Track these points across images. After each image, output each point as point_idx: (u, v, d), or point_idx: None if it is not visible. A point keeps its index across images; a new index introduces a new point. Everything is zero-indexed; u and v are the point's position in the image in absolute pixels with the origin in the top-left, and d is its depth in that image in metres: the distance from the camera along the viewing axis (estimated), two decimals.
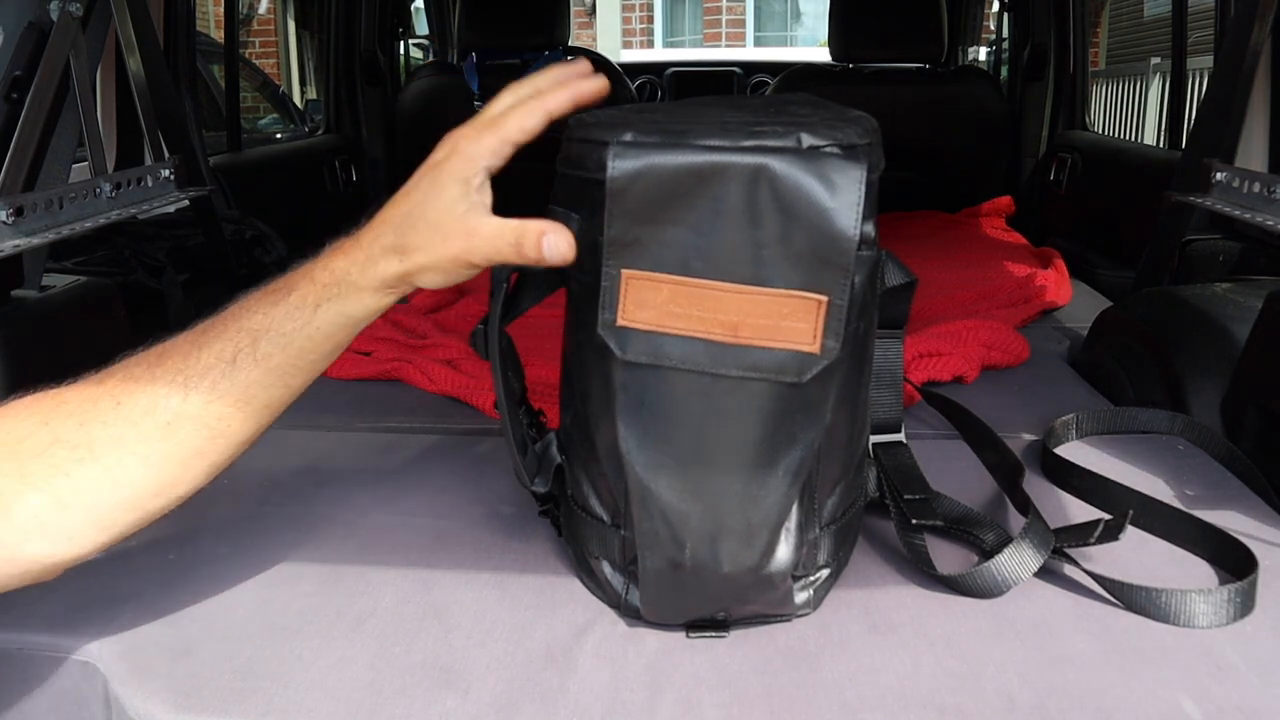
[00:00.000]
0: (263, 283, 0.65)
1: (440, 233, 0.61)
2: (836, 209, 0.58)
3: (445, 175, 0.62)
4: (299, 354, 0.64)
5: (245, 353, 0.63)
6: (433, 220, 0.62)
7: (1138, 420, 1.02)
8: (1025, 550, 0.72)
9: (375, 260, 0.63)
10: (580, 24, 8.63)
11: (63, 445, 0.60)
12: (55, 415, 0.61)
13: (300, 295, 0.63)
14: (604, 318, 0.62)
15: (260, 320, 0.63)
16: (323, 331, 0.64)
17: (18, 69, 1.12)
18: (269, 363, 0.63)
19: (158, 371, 0.62)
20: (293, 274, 0.65)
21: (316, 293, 0.63)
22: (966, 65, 2.97)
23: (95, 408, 0.61)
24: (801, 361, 0.61)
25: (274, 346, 0.63)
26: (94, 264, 1.38)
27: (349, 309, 0.64)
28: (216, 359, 0.62)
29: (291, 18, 3.06)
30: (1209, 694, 0.61)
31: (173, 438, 0.62)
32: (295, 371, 0.65)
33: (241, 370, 0.63)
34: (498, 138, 0.62)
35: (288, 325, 0.63)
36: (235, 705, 0.62)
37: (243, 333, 0.63)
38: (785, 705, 0.61)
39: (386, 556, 0.78)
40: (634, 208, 0.60)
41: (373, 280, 0.63)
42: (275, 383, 0.64)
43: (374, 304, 0.65)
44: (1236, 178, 1.13)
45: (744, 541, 0.63)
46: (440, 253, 0.62)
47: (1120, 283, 1.69)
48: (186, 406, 0.62)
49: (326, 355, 0.66)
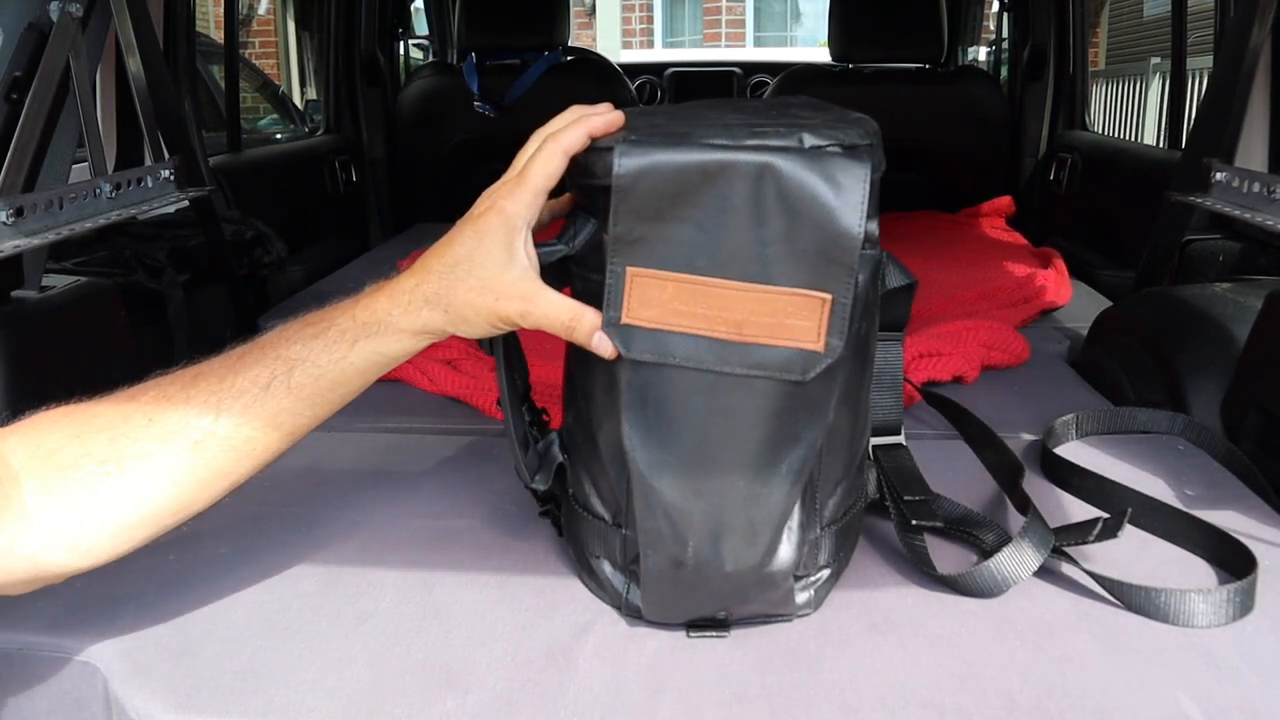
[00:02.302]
0: (301, 313, 0.67)
1: (492, 293, 0.63)
2: (841, 207, 0.59)
3: (490, 233, 0.63)
4: (330, 386, 0.66)
5: (280, 380, 0.64)
6: (485, 280, 0.63)
7: (1138, 420, 1.02)
8: (1025, 550, 0.72)
9: (418, 307, 0.65)
10: (580, 24, 8.63)
11: (92, 459, 0.61)
12: (87, 429, 0.62)
13: (339, 330, 0.65)
14: (609, 315, 0.62)
15: (298, 350, 0.65)
16: (356, 367, 0.66)
17: (18, 69, 1.12)
18: (301, 392, 0.65)
19: (191, 392, 0.64)
20: (333, 308, 0.67)
21: (356, 330, 0.65)
22: (966, 65, 2.97)
23: (127, 424, 0.62)
24: (805, 360, 0.61)
25: (308, 377, 0.65)
26: (94, 264, 1.38)
27: (385, 348, 0.66)
28: (251, 384, 0.64)
29: (291, 18, 3.06)
30: (1209, 694, 0.61)
31: (200, 457, 0.63)
32: (324, 403, 0.67)
33: (274, 397, 0.64)
34: (529, 191, 0.64)
35: (324, 358, 0.65)
36: (235, 705, 0.62)
37: (280, 360, 0.65)
38: (785, 705, 0.61)
39: (386, 556, 0.78)
40: (639, 205, 0.60)
41: (413, 325, 0.65)
42: (304, 411, 0.66)
43: (410, 345, 0.66)
44: (1236, 177, 1.13)
45: (747, 540, 0.64)
46: (490, 309, 0.64)
47: (1120, 283, 1.69)
48: (217, 428, 0.63)
49: (355, 390, 0.68)
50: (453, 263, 0.64)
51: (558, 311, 0.64)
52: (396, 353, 0.66)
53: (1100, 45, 7.53)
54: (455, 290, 0.64)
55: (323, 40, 2.62)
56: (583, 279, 0.66)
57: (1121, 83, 6.29)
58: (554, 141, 0.64)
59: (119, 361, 1.13)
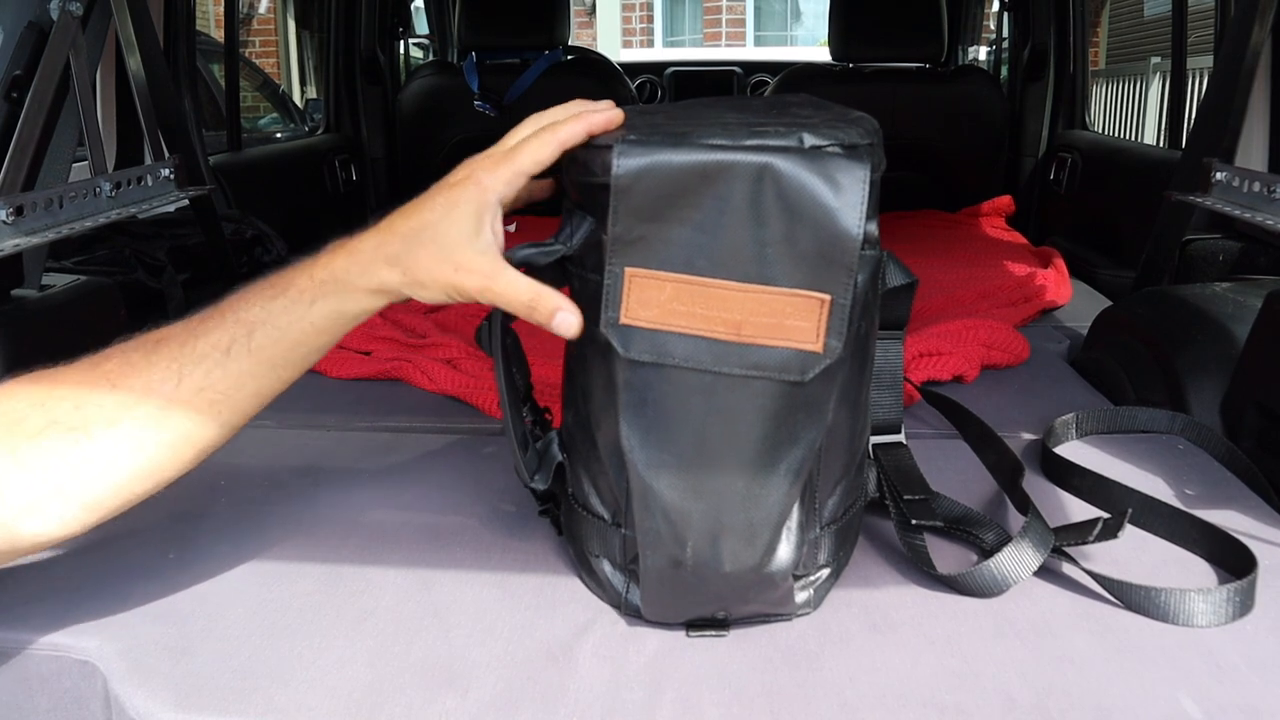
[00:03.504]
0: (260, 277, 0.66)
1: (452, 262, 0.63)
2: (841, 208, 0.58)
3: (461, 201, 0.63)
4: (292, 347, 0.65)
5: (240, 343, 0.64)
6: (446, 247, 0.63)
7: (1138, 420, 1.02)
8: (1025, 549, 0.72)
9: (377, 266, 0.64)
10: (580, 23, 8.63)
11: (58, 427, 0.61)
12: (51, 397, 0.62)
13: (298, 290, 0.65)
14: (607, 316, 0.62)
15: (257, 313, 0.65)
16: (316, 326, 0.65)
17: (18, 68, 1.12)
18: (262, 354, 0.65)
19: (153, 358, 0.64)
20: (291, 270, 0.66)
21: (314, 289, 0.65)
22: (966, 65, 2.97)
23: (91, 391, 0.62)
24: (804, 360, 0.61)
25: (268, 339, 0.65)
26: (94, 263, 1.38)
27: (343, 306, 0.65)
28: (212, 348, 0.64)
29: (291, 17, 3.06)
30: (1209, 693, 0.61)
31: (165, 423, 0.63)
32: (286, 364, 0.66)
33: (235, 360, 0.64)
34: (512, 169, 0.64)
35: (283, 319, 0.65)
36: (235, 704, 0.62)
37: (239, 324, 0.64)
38: (785, 705, 0.61)
39: (386, 556, 0.78)
40: (638, 206, 0.60)
41: (370, 283, 0.65)
42: (267, 374, 0.66)
43: (368, 304, 0.66)
44: (1236, 177, 1.13)
45: (745, 540, 0.64)
46: (448, 280, 0.63)
47: (1120, 282, 1.69)
48: (180, 393, 0.63)
49: (318, 350, 0.67)
50: (419, 227, 0.64)
51: (517, 291, 0.63)
52: (355, 311, 0.66)
53: (1100, 45, 7.53)
54: (416, 255, 0.63)
55: (323, 39, 2.62)
56: (581, 279, 0.66)
57: (1121, 82, 6.28)
58: (551, 132, 0.64)
59: None
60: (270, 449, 1.00)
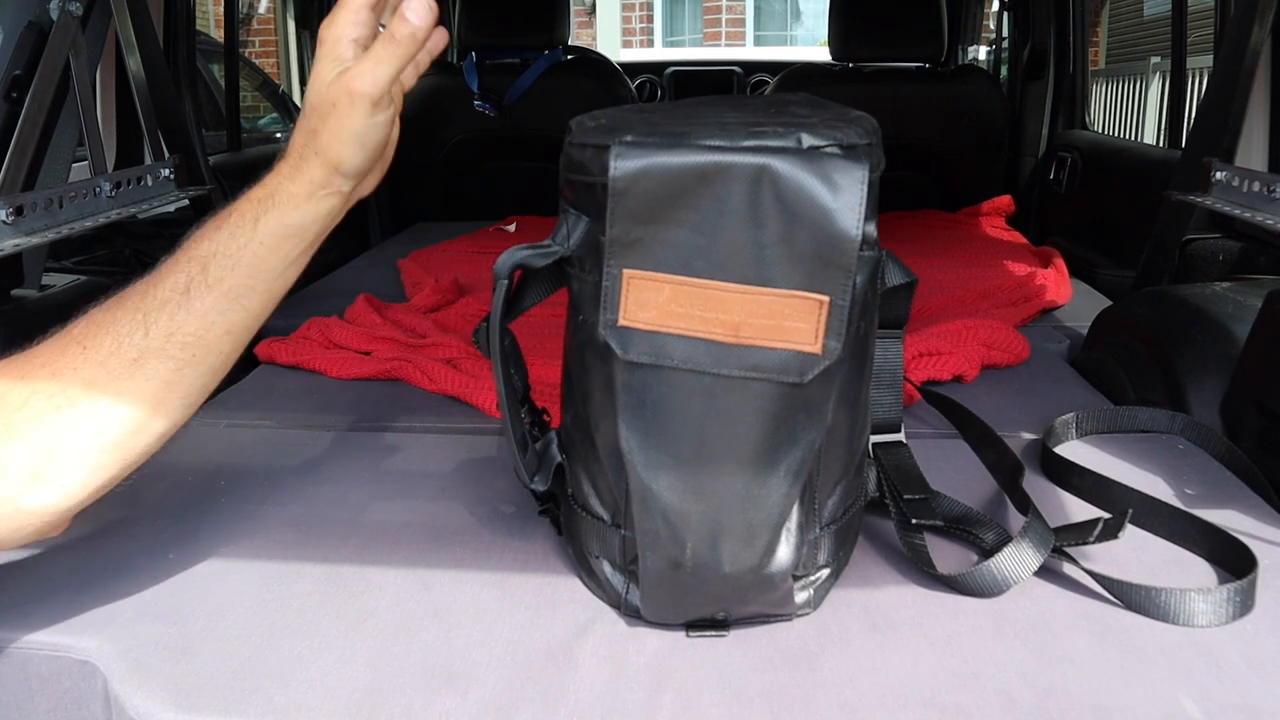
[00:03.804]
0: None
1: (328, 103, 0.64)
2: (839, 210, 0.58)
3: (320, 63, 0.65)
4: (249, 273, 0.66)
5: (197, 281, 0.65)
6: (317, 101, 0.65)
7: (1137, 419, 1.02)
8: (1025, 549, 0.72)
9: (297, 166, 0.66)
10: (580, 23, 8.62)
11: (39, 395, 0.62)
12: (28, 367, 0.63)
13: (239, 214, 0.66)
14: (606, 318, 0.62)
15: (206, 246, 0.66)
16: (267, 245, 0.66)
17: (18, 68, 1.12)
18: (221, 286, 0.65)
19: (118, 313, 0.65)
20: (234, 200, 0.67)
21: (254, 209, 0.66)
22: (966, 65, 2.97)
23: (64, 355, 0.63)
24: (803, 362, 0.61)
25: (223, 270, 0.65)
26: (94, 263, 1.38)
27: (287, 217, 0.66)
28: (171, 291, 0.65)
29: (291, 17, 3.06)
30: (1209, 693, 0.61)
31: (140, 374, 0.64)
32: (249, 292, 0.67)
33: (196, 299, 0.65)
34: (350, 9, 0.65)
35: (232, 245, 0.65)
36: (235, 705, 0.62)
37: (192, 262, 0.65)
38: (785, 705, 0.61)
39: (386, 556, 0.78)
40: (636, 208, 0.60)
41: (304, 185, 0.66)
42: (231, 306, 0.66)
43: (311, 211, 0.67)
44: (1236, 177, 1.13)
45: (745, 541, 0.63)
46: (345, 130, 0.64)
47: (1120, 282, 1.69)
48: (149, 341, 0.64)
49: (277, 273, 0.68)
50: (306, 109, 0.66)
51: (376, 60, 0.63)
52: (298, 220, 0.67)
53: (1100, 44, 7.53)
54: (315, 130, 0.65)
55: None
56: (579, 279, 0.66)
57: (1121, 82, 6.28)
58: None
59: None
60: (270, 449, 1.00)
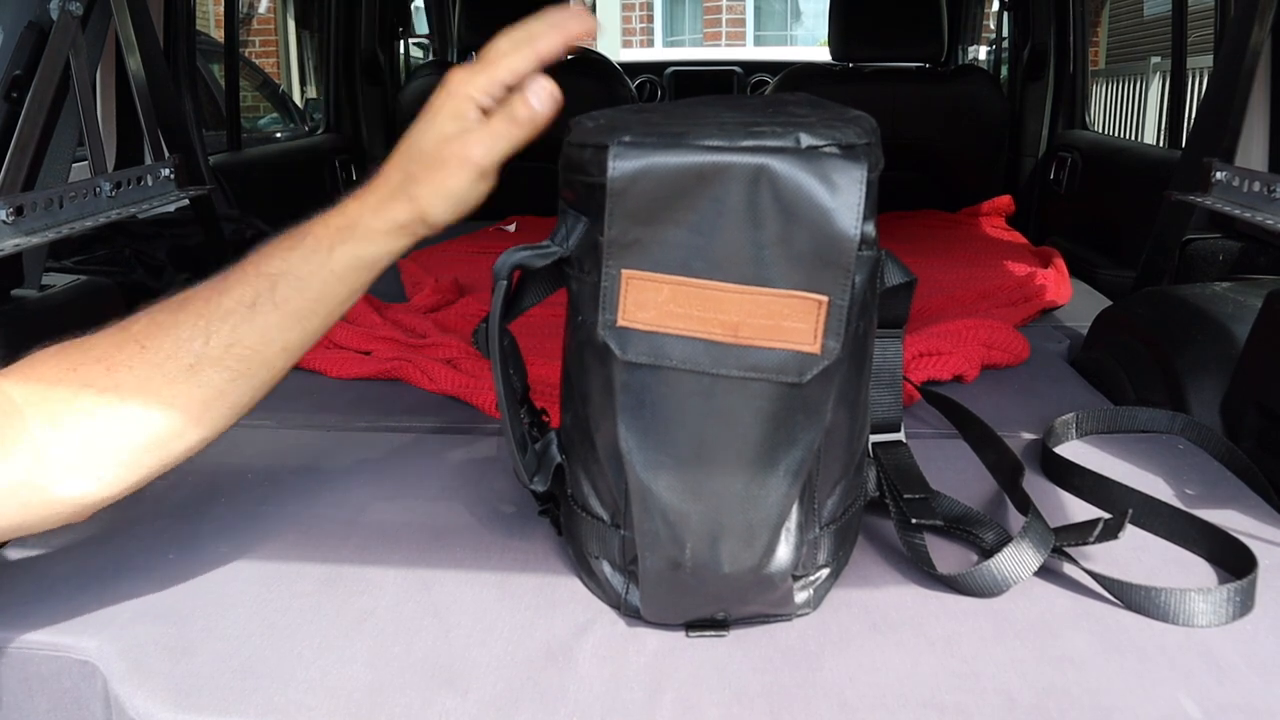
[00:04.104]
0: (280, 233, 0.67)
1: (439, 159, 0.63)
2: (837, 209, 0.58)
3: (439, 112, 0.64)
4: (316, 298, 0.66)
5: (264, 297, 0.65)
6: (429, 151, 0.64)
7: (1138, 419, 1.02)
8: (1025, 549, 0.72)
9: (385, 203, 0.65)
10: None
11: (90, 389, 0.62)
12: (83, 361, 0.63)
13: (315, 239, 0.66)
14: (604, 318, 0.62)
15: (278, 265, 0.65)
16: (337, 274, 0.66)
17: (18, 68, 1.12)
18: (287, 306, 0.65)
19: (180, 316, 0.65)
20: (309, 222, 0.67)
21: (331, 236, 0.66)
22: (966, 64, 2.97)
23: (121, 352, 0.64)
24: (802, 362, 0.61)
25: (292, 290, 0.65)
26: (94, 263, 1.38)
27: (362, 251, 0.66)
28: (237, 303, 0.65)
29: (291, 17, 3.06)
30: (1209, 693, 0.61)
31: (194, 380, 0.64)
32: (312, 315, 0.67)
33: (260, 314, 0.65)
34: (488, 77, 0.63)
35: (304, 268, 0.65)
36: (235, 705, 0.62)
37: (261, 277, 0.65)
38: (785, 705, 0.61)
39: (386, 556, 0.78)
40: (634, 208, 0.60)
41: (385, 223, 0.65)
42: (293, 326, 0.66)
43: (387, 247, 0.66)
44: (1236, 177, 1.13)
45: (744, 541, 0.63)
46: (444, 185, 0.64)
47: (1120, 282, 1.69)
48: (208, 349, 0.64)
49: (341, 301, 0.68)
50: (406, 149, 0.65)
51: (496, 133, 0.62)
52: (373, 255, 0.66)
53: (1100, 44, 7.53)
54: (413, 175, 0.64)
55: (323, 39, 2.62)
56: (578, 280, 0.66)
57: (1121, 82, 6.28)
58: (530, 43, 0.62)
59: None
60: (270, 449, 1.00)
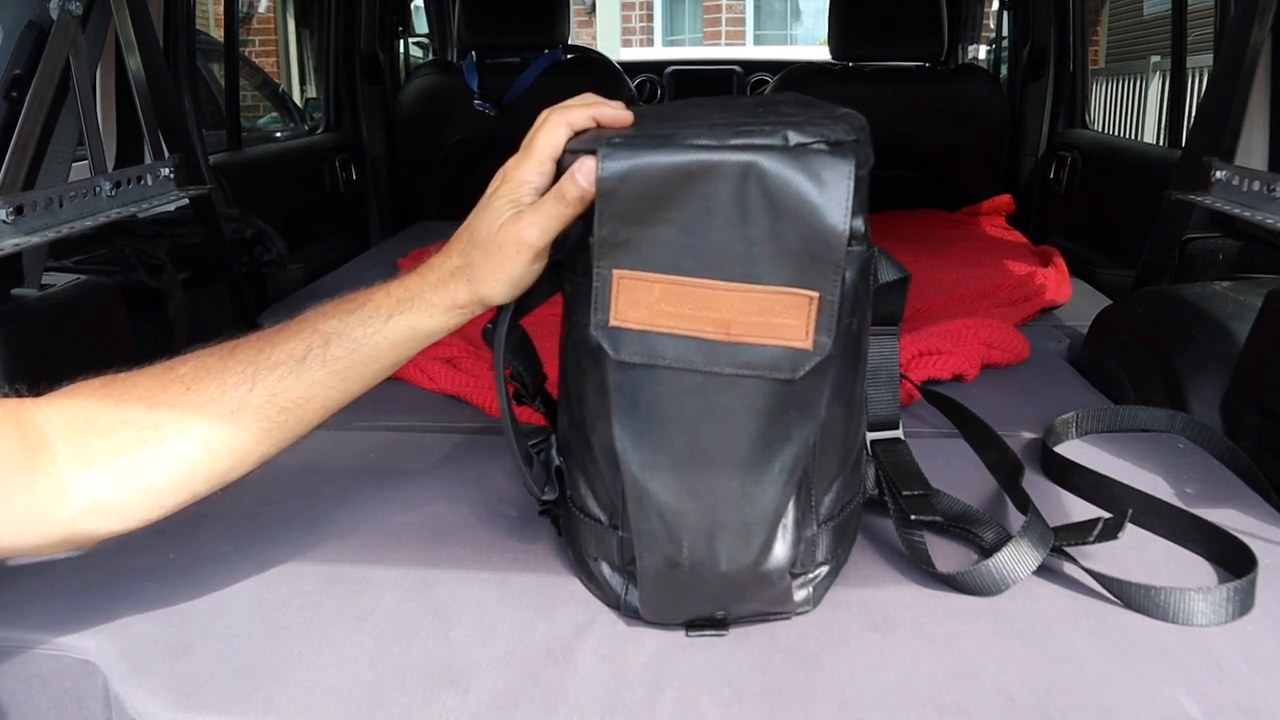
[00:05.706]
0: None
1: (496, 244, 0.65)
2: (825, 205, 0.58)
3: (497, 199, 0.66)
4: (364, 360, 0.67)
5: (316, 353, 0.66)
6: (488, 237, 0.66)
7: (1137, 418, 1.02)
8: (1025, 548, 0.72)
9: (446, 282, 0.67)
10: (580, 22, 8.62)
11: (130, 425, 0.63)
12: (126, 397, 0.64)
13: (375, 306, 0.68)
14: (597, 319, 0.62)
15: (335, 325, 0.67)
16: (390, 341, 0.68)
17: (18, 68, 1.12)
18: (336, 365, 0.67)
19: (229, 362, 0.66)
20: (370, 289, 0.69)
21: (390, 305, 0.67)
22: (966, 64, 2.97)
23: (165, 393, 0.64)
24: (794, 358, 0.61)
25: (343, 350, 0.67)
26: (94, 263, 1.38)
27: (418, 323, 0.68)
28: (287, 356, 0.66)
29: (291, 16, 3.06)
30: (1208, 692, 0.61)
31: (234, 425, 0.65)
32: (357, 378, 0.68)
33: (309, 369, 0.66)
34: (533, 159, 0.66)
35: (359, 331, 0.67)
36: (235, 704, 0.62)
37: (316, 334, 0.67)
38: (785, 704, 0.61)
39: (386, 555, 0.79)
40: (624, 208, 0.60)
41: (445, 300, 0.67)
42: (337, 385, 0.68)
43: (442, 321, 0.68)
44: (1236, 176, 1.13)
45: (741, 539, 0.64)
46: (502, 269, 0.65)
47: (1120, 281, 1.68)
48: (252, 397, 0.65)
49: (386, 368, 0.69)
50: (467, 233, 0.67)
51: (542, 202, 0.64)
52: (429, 328, 0.68)
53: (1100, 43, 7.52)
54: (472, 259, 0.66)
55: (323, 38, 2.61)
56: (572, 282, 0.66)
57: (1121, 81, 6.28)
58: (560, 114, 0.66)
59: (119, 360, 1.13)
60: None
